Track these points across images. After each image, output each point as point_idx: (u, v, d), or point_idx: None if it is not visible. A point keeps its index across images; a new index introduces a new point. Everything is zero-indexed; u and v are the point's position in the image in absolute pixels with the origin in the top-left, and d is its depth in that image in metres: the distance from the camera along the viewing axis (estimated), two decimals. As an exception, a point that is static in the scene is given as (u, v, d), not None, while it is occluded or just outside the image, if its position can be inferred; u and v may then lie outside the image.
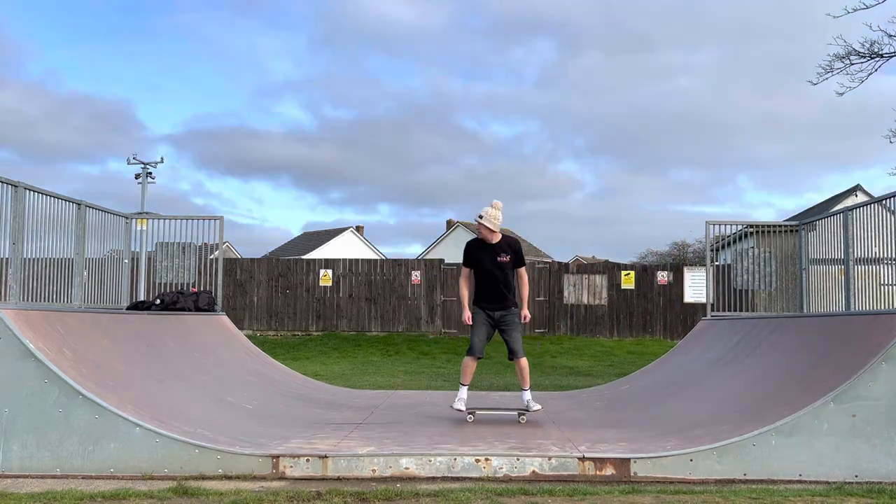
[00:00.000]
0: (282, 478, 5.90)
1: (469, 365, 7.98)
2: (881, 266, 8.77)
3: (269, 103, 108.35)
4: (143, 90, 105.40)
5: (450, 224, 61.64)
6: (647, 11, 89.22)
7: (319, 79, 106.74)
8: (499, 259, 7.85)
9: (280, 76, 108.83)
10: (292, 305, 24.22)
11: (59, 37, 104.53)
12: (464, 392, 8.01)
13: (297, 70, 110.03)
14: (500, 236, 7.96)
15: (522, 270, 8.00)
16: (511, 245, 7.97)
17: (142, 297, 11.99)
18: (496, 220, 7.81)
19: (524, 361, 7.95)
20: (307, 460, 5.98)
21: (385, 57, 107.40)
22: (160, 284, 11.43)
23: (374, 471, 5.96)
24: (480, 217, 7.82)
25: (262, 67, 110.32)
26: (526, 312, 7.99)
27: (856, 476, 5.90)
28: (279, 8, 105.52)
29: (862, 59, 17.26)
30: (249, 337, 16.59)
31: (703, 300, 18.00)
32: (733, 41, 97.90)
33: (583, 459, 5.99)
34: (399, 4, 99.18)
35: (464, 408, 7.93)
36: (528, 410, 7.92)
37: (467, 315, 7.96)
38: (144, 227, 12.05)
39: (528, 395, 8.02)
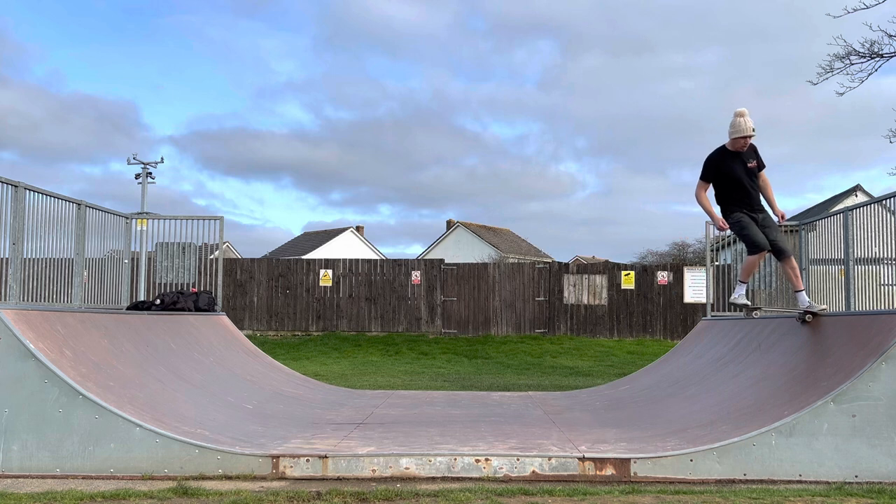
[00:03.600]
0: (282, 478, 5.90)
1: (754, 262, 7.69)
2: (881, 266, 8.77)
3: (272, 104, 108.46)
4: (145, 91, 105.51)
5: (450, 224, 61.62)
6: (649, 13, 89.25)
7: (321, 80, 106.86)
8: (748, 165, 7.64)
9: (282, 77, 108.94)
10: (292, 305, 24.21)
11: (63, 38, 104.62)
12: (743, 288, 7.99)
13: (300, 71, 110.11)
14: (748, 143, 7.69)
15: (764, 174, 7.81)
16: (755, 150, 7.75)
17: (142, 297, 11.99)
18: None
19: (794, 261, 7.73)
20: (307, 460, 5.98)
21: (387, 58, 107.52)
22: (160, 284, 11.43)
23: (374, 471, 5.96)
24: (753, 131, 7.47)
25: (264, 68, 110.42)
26: (780, 211, 7.79)
27: (856, 476, 5.89)
28: (282, 9, 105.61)
29: (862, 59, 17.25)
30: (249, 337, 16.60)
31: (703, 300, 18.02)
32: (735, 42, 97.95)
33: (583, 459, 5.99)
34: (401, 6, 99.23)
35: (747, 301, 7.98)
36: (810, 312, 7.52)
37: (721, 221, 7.73)
38: (144, 228, 12.06)
39: (804, 295, 7.67)
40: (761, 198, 7.80)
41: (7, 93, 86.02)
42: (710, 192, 7.86)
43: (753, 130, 7.51)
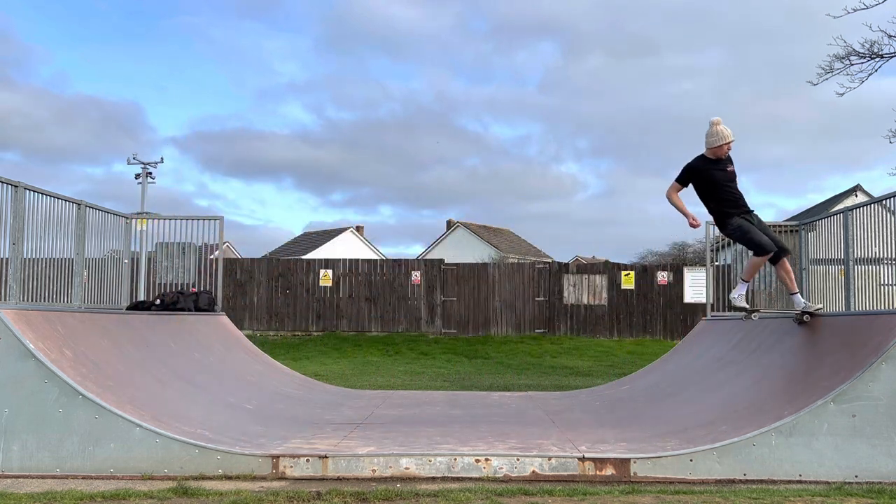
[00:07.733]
0: (282, 478, 5.90)
1: (760, 262, 7.79)
2: (881, 266, 8.76)
3: (274, 105, 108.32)
4: (149, 92, 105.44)
5: (450, 224, 61.61)
6: (651, 14, 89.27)
7: (323, 81, 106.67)
8: (728, 170, 7.82)
9: (285, 78, 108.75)
10: (292, 305, 24.20)
11: (67, 39, 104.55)
12: (744, 288, 7.98)
13: (302, 72, 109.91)
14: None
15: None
16: (729, 157, 7.88)
17: (142, 297, 11.99)
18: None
19: (787, 263, 7.85)
20: (307, 460, 5.98)
21: (389, 59, 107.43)
22: (160, 284, 11.43)
23: (374, 471, 5.96)
24: (730, 141, 7.65)
25: (266, 69, 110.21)
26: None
27: (856, 476, 5.90)
28: (284, 10, 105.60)
29: (862, 60, 17.25)
30: (249, 337, 16.55)
31: (703, 300, 18.00)
32: (736, 44, 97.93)
33: (583, 459, 5.99)
34: (403, 7, 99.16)
35: (745, 304, 7.97)
36: (807, 312, 7.71)
37: (693, 217, 7.88)
38: (144, 228, 12.06)
39: (799, 297, 7.87)
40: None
41: (11, 94, 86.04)
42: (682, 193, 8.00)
43: (733, 137, 7.69)
